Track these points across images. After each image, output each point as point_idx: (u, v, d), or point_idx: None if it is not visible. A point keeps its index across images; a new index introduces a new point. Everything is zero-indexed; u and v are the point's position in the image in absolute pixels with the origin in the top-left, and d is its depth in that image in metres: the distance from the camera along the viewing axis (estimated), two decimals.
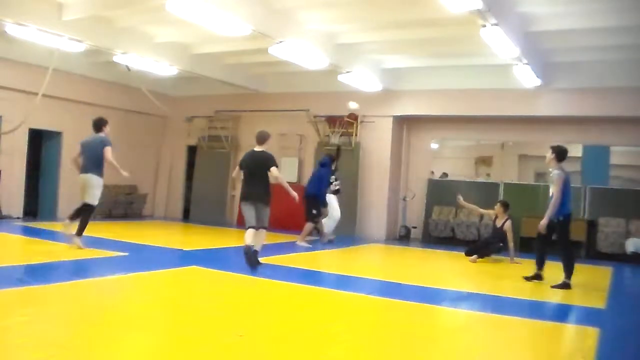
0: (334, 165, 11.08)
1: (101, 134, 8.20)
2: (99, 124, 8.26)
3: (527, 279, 7.35)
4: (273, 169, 7.49)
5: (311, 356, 3.81)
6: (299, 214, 11.42)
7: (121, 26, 10.01)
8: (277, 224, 11.98)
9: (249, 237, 7.23)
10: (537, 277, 7.30)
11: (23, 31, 8.81)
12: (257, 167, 7.60)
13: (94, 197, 8.02)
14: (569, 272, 6.92)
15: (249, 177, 7.68)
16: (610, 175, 11.70)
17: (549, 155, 7.21)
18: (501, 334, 4.85)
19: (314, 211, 10.44)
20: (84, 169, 8.07)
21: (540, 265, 7.34)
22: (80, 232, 7.82)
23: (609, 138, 11.40)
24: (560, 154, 7.13)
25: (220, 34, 8.96)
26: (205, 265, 7.34)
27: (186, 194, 15.29)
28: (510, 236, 9.27)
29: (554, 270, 7.21)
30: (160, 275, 6.55)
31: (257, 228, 7.43)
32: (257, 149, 7.79)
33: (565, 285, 6.88)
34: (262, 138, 7.83)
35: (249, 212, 7.52)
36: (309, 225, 10.51)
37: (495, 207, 9.60)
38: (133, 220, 13.45)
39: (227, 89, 13.64)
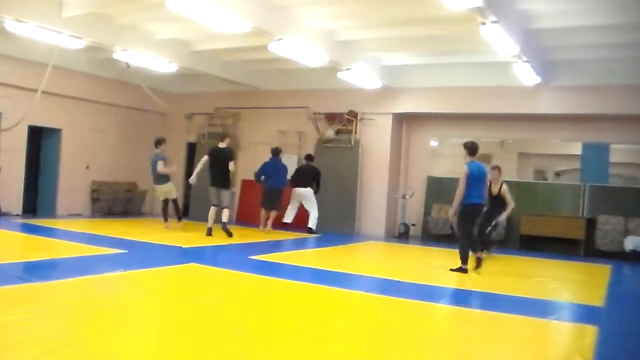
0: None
1: (157, 151, 10.78)
2: (157, 143, 10.85)
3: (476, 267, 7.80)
4: (231, 163, 10.02)
5: (310, 353, 3.81)
6: (301, 214, 12.00)
7: (121, 23, 10.00)
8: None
9: (211, 217, 10.12)
10: (479, 262, 7.82)
11: (23, 28, 8.79)
12: (222, 159, 10.01)
13: (173, 193, 11.08)
14: (462, 258, 7.59)
15: (215, 167, 10.08)
16: (609, 173, 11.69)
17: (464, 151, 7.82)
18: (499, 332, 4.86)
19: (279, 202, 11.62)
20: (154, 180, 10.95)
21: (477, 251, 7.87)
22: (179, 217, 11.20)
23: (609, 136, 11.39)
24: (471, 149, 7.77)
25: (220, 31, 8.95)
26: (205, 262, 7.36)
27: (185, 191, 15.27)
28: (509, 197, 9.10)
29: (547, 266, 7.22)
30: (159, 273, 6.56)
31: (220, 208, 10.10)
32: (221, 145, 10.23)
33: (461, 270, 7.56)
34: (224, 136, 10.47)
35: (214, 194, 10.19)
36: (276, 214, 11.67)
37: (489, 174, 8.73)
38: (132, 218, 13.46)
39: (227, 86, 13.64)
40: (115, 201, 13.77)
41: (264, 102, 13.86)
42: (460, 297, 6.38)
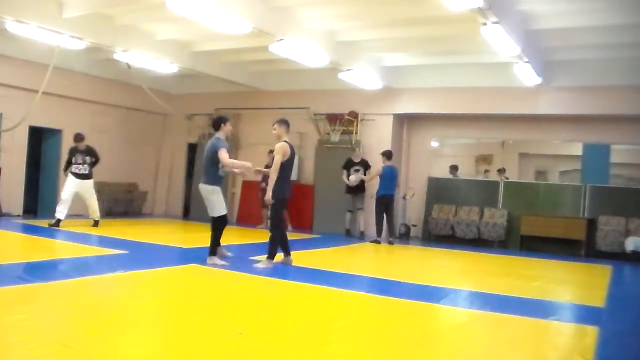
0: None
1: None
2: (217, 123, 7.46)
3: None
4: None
5: (310, 353, 3.81)
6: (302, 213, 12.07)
7: (122, 23, 10.00)
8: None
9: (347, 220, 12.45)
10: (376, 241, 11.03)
11: (23, 28, 8.80)
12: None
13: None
14: (376, 231, 11.06)
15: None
16: (610, 174, 11.69)
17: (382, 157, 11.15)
18: (500, 332, 4.85)
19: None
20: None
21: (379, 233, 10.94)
22: None
23: (610, 136, 11.39)
24: (386, 156, 11.17)
25: (221, 32, 8.93)
26: (205, 263, 7.34)
27: (186, 191, 15.27)
28: (273, 168, 6.91)
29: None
30: (159, 273, 6.56)
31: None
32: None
33: (376, 241, 10.89)
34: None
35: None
36: None
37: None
38: (133, 218, 13.46)
39: (228, 86, 13.63)
40: (116, 202, 13.76)
41: (265, 102, 13.85)
42: (461, 298, 6.37)
